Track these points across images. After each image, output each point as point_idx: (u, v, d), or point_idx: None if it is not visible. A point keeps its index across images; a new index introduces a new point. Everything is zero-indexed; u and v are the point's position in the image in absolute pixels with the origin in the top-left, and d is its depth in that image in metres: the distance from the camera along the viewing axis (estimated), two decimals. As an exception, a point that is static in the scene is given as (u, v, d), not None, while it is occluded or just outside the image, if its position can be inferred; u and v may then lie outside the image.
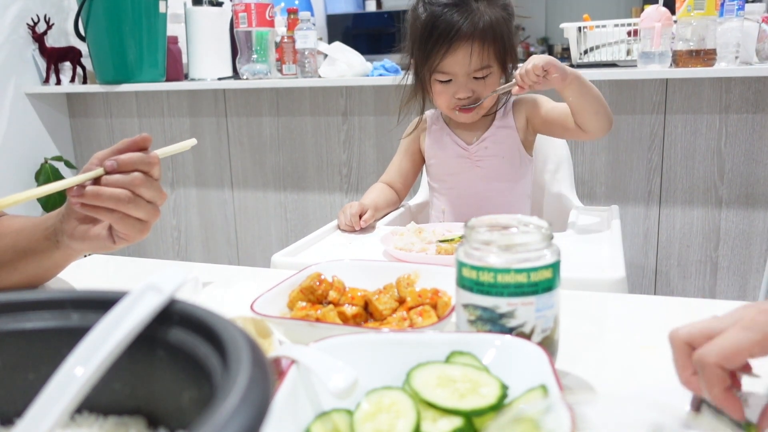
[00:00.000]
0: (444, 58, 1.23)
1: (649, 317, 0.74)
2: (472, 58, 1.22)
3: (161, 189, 0.73)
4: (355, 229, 1.22)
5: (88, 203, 0.69)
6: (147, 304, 0.37)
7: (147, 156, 0.71)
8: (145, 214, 0.71)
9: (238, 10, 2.26)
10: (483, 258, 0.54)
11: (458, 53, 1.22)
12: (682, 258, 2.01)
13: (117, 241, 0.74)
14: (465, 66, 1.23)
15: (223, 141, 2.47)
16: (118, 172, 0.69)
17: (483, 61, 1.23)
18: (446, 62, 1.24)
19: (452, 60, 1.23)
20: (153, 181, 0.72)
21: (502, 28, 1.24)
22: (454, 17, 1.21)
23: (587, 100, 1.20)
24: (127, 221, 0.71)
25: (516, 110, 1.36)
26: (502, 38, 1.25)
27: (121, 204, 0.69)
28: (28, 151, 2.52)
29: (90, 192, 0.68)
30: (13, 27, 2.44)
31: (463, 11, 1.21)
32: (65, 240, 0.75)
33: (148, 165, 0.71)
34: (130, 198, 0.69)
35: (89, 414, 0.40)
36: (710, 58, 1.83)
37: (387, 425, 0.42)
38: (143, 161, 0.70)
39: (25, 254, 0.78)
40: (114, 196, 0.68)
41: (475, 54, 1.22)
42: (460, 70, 1.24)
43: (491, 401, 0.42)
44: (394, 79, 2.08)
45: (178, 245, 2.64)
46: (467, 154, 1.36)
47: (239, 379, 0.28)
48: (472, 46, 1.21)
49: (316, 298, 0.70)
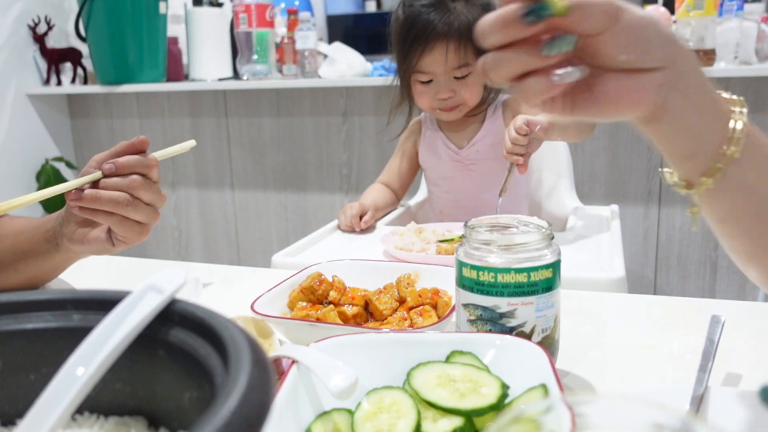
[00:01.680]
0: (421, 58, 1.24)
1: (649, 317, 0.74)
2: (448, 56, 1.23)
3: (160, 191, 0.73)
4: (355, 230, 1.22)
5: (86, 206, 0.69)
6: (148, 304, 0.37)
7: (145, 159, 0.71)
8: (144, 216, 0.71)
9: (238, 10, 2.26)
10: (483, 258, 0.55)
11: (435, 52, 1.23)
12: (681, 258, 2.01)
13: (116, 244, 0.73)
14: (442, 64, 1.24)
15: (223, 141, 2.47)
16: (116, 175, 0.69)
17: (460, 59, 1.23)
18: (424, 61, 1.25)
19: (430, 59, 1.24)
20: (152, 184, 0.71)
21: None
22: (431, 17, 1.22)
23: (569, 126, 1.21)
24: (126, 224, 0.71)
25: (506, 111, 1.36)
26: None
27: (119, 207, 0.69)
28: (28, 152, 2.52)
29: (88, 195, 0.68)
30: (14, 28, 2.44)
31: (439, 11, 1.22)
32: (65, 243, 0.75)
33: (147, 168, 0.71)
34: (129, 201, 0.69)
35: (90, 414, 0.40)
36: (709, 58, 1.83)
37: (387, 425, 0.42)
38: (142, 164, 0.70)
39: (25, 256, 0.78)
40: (113, 199, 0.68)
41: (452, 52, 1.22)
42: (438, 68, 1.24)
43: (492, 401, 0.42)
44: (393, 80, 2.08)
45: (179, 245, 2.64)
46: (459, 158, 1.36)
47: (240, 380, 0.28)
48: (448, 44, 1.22)
49: (316, 298, 0.70)
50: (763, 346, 0.65)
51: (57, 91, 2.54)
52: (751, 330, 0.69)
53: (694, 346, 0.61)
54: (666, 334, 0.68)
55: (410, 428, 0.41)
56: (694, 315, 0.74)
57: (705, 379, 0.51)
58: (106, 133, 2.64)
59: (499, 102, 1.36)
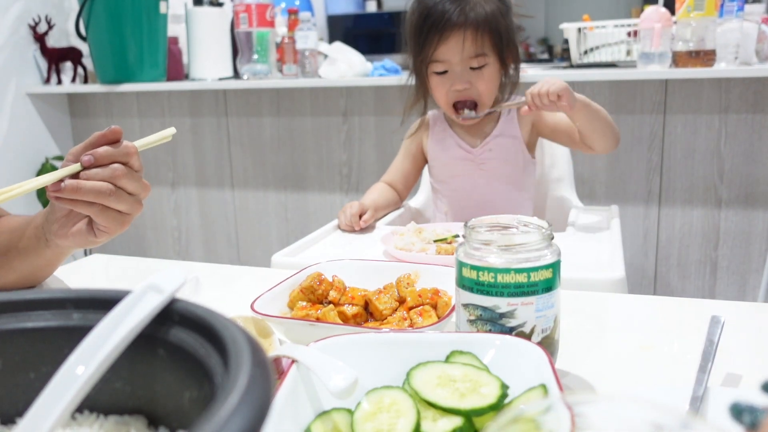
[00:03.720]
0: (438, 47, 1.25)
1: (649, 317, 0.74)
2: (465, 45, 1.23)
3: (143, 181, 0.72)
4: (355, 229, 1.22)
5: (66, 197, 0.68)
6: (148, 304, 0.37)
7: (124, 147, 0.69)
8: (127, 206, 0.70)
9: (238, 10, 2.26)
10: (483, 258, 0.54)
11: (451, 40, 1.23)
12: (681, 258, 2.01)
13: (98, 234, 0.73)
14: (459, 53, 1.24)
15: (223, 141, 2.47)
16: (96, 166, 0.68)
17: (477, 48, 1.24)
18: (440, 50, 1.25)
19: (445, 48, 1.24)
20: (134, 173, 0.70)
21: (498, 20, 1.25)
22: (447, 6, 1.23)
23: (595, 124, 1.21)
24: (108, 214, 0.70)
25: (521, 115, 1.36)
26: (498, 30, 1.25)
27: (102, 197, 0.68)
28: (29, 151, 2.53)
29: (69, 186, 0.67)
30: (14, 27, 2.44)
31: (456, 1, 1.23)
32: (52, 238, 0.74)
33: (126, 156, 0.69)
34: (112, 191, 0.68)
35: (90, 413, 0.40)
36: (710, 59, 1.83)
37: (387, 425, 0.42)
38: (121, 153, 0.69)
39: (19, 253, 0.77)
40: (95, 189, 0.67)
41: (468, 40, 1.23)
42: (454, 57, 1.25)
43: (491, 401, 0.42)
44: (394, 80, 2.08)
45: (179, 245, 2.64)
46: (471, 156, 1.36)
47: (240, 379, 0.28)
48: (465, 32, 1.22)
49: (316, 297, 0.70)
50: (763, 347, 0.65)
51: (57, 91, 2.54)
52: (751, 330, 0.69)
53: (694, 346, 0.61)
54: (666, 335, 0.68)
55: (410, 428, 0.41)
56: (694, 315, 0.74)
57: (705, 379, 0.51)
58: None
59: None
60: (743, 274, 1.96)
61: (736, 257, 1.95)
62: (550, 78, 1.16)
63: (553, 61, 4.74)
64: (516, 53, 1.31)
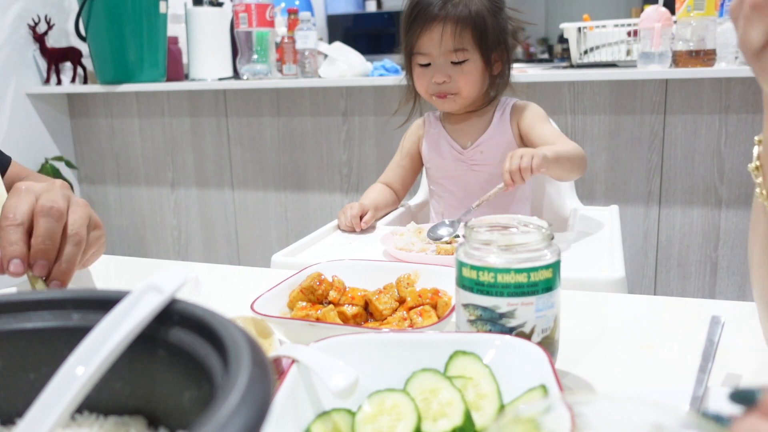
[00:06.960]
0: (420, 38, 1.27)
1: (649, 317, 0.74)
2: (443, 38, 1.24)
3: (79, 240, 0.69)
4: (355, 230, 1.22)
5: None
6: (147, 304, 0.37)
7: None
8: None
9: (238, 10, 2.26)
10: (483, 258, 0.54)
11: (432, 32, 1.25)
12: (681, 258, 2.01)
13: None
14: (438, 45, 1.25)
15: (223, 141, 2.47)
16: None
17: (456, 42, 1.25)
18: (422, 41, 1.27)
19: (427, 39, 1.26)
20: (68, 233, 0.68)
21: (484, 18, 1.26)
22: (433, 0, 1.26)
23: (566, 171, 1.23)
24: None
25: (513, 115, 1.36)
26: (483, 28, 1.25)
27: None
28: (28, 151, 2.52)
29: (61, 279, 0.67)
30: (13, 27, 2.44)
31: None
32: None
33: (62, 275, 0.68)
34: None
35: (90, 414, 0.40)
36: (710, 59, 1.83)
37: (387, 427, 0.42)
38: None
39: None
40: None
41: (448, 33, 1.24)
42: (435, 49, 1.26)
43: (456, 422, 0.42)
44: (394, 79, 2.08)
45: (179, 245, 2.64)
46: (462, 157, 1.36)
47: (240, 379, 0.28)
48: (445, 25, 1.24)
49: (316, 298, 0.70)
50: (763, 347, 0.65)
51: (57, 91, 2.54)
52: (751, 330, 0.69)
53: (694, 346, 0.61)
54: (666, 335, 0.68)
55: (409, 431, 0.41)
56: (694, 315, 0.74)
57: (705, 379, 0.51)
58: (106, 133, 2.64)
59: (507, 105, 1.36)
60: (743, 274, 1.96)
61: (737, 257, 1.95)
62: (520, 150, 1.13)
63: (553, 61, 4.74)
64: (507, 54, 1.31)
